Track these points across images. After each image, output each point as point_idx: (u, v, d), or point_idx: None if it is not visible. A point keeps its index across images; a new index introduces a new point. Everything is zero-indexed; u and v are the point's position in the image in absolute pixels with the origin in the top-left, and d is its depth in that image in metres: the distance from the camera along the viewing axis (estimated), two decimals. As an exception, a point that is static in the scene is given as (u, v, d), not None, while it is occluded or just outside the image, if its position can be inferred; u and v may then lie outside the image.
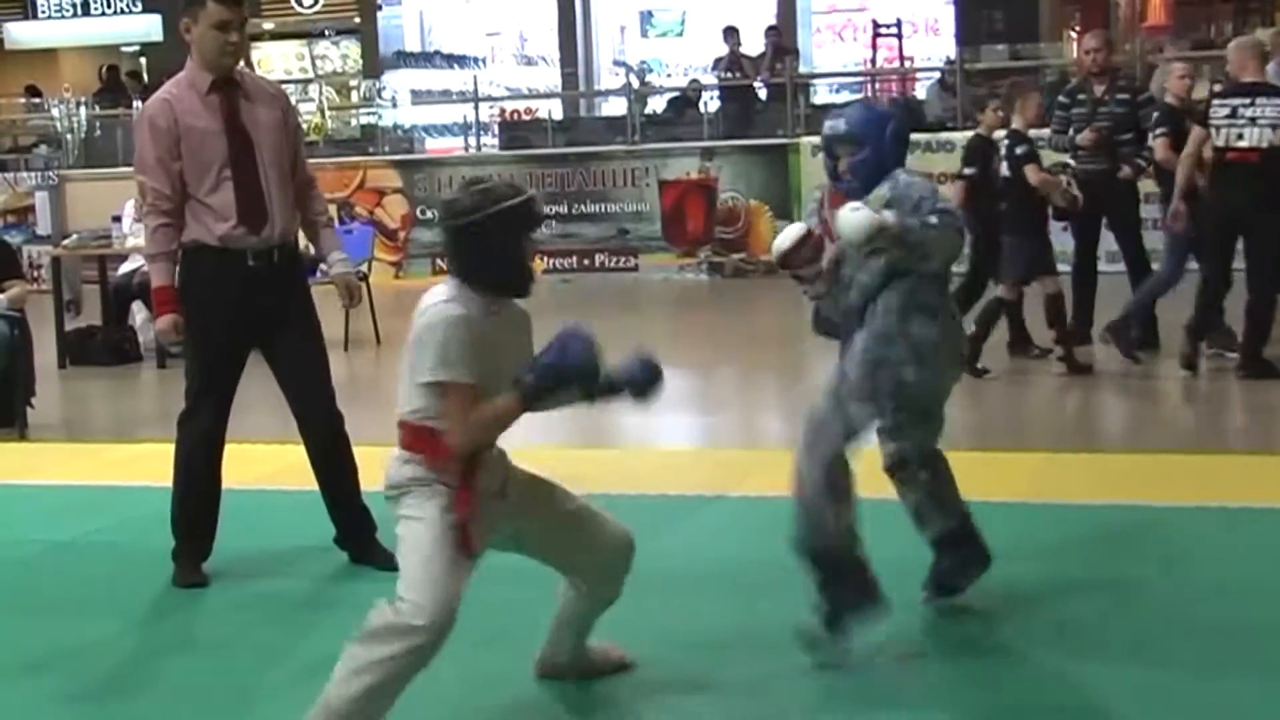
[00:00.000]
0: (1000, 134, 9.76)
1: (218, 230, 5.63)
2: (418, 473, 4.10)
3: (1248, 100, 8.93)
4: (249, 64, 5.89)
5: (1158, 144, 9.91)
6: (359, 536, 5.93)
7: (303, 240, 6.00)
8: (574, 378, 4.11)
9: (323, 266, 6.12)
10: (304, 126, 19.85)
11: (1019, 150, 9.39)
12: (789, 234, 4.90)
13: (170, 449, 5.92)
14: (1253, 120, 8.87)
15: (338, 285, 6.04)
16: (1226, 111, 8.97)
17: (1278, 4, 23.25)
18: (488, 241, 4.10)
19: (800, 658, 4.65)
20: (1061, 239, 10.20)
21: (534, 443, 8.68)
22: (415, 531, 4.04)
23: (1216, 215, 9.14)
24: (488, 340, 4.10)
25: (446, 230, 4.22)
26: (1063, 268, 9.96)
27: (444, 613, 3.94)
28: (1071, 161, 9.86)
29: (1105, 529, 6.00)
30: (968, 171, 9.85)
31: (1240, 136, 8.90)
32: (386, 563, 5.72)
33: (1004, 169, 9.50)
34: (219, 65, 5.66)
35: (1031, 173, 9.31)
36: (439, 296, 4.12)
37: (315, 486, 5.99)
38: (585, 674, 4.57)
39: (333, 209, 16.40)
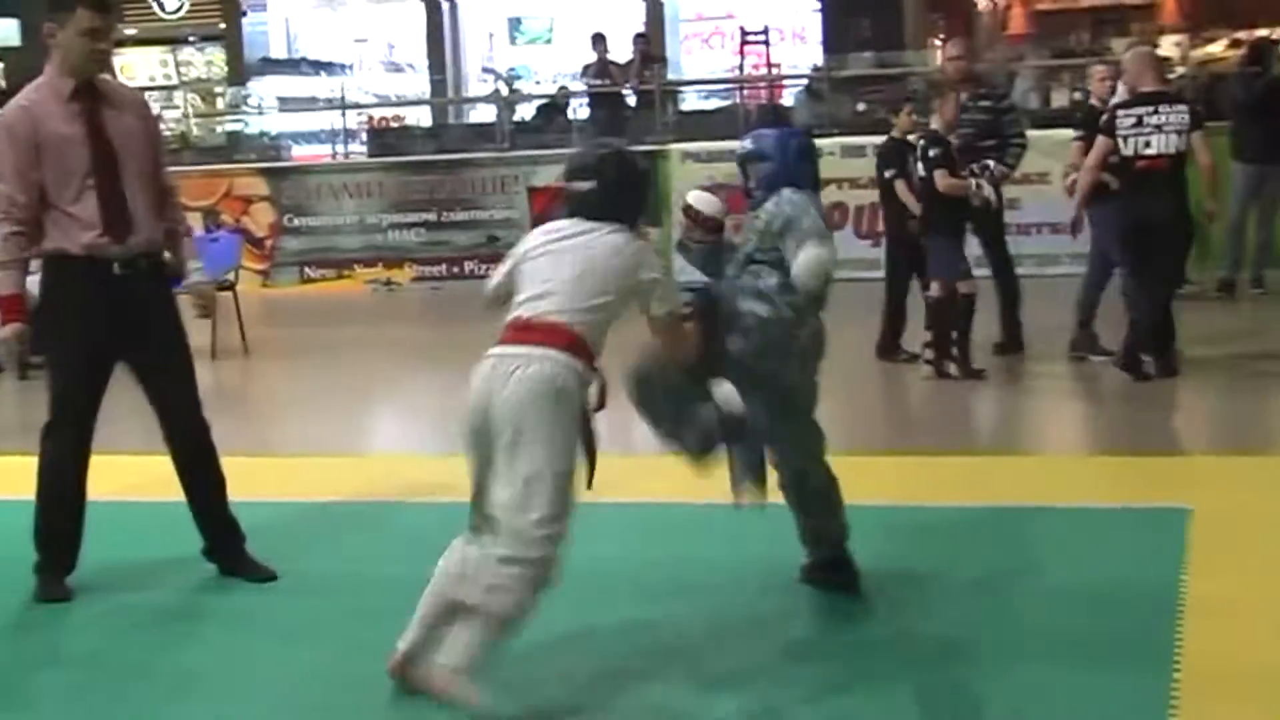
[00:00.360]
0: (913, 136, 9.85)
1: (82, 239, 5.53)
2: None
3: (1152, 108, 9.06)
4: (111, 71, 5.79)
5: (1073, 148, 10.08)
6: (228, 548, 5.87)
7: None
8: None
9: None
10: (169, 134, 19.67)
11: (932, 153, 9.47)
12: (713, 204, 5.25)
13: (33, 461, 5.81)
14: (1159, 128, 9.00)
15: (193, 296, 5.97)
16: (1133, 121, 9.09)
17: (1133, 14, 23.74)
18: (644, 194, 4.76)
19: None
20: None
21: (405, 450, 8.71)
22: (560, 445, 4.40)
23: (1127, 222, 9.25)
24: None
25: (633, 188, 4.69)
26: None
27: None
28: (991, 163, 9.93)
29: (965, 530, 6.08)
30: (888, 174, 9.92)
31: (1148, 144, 9.02)
32: (256, 574, 5.75)
33: (920, 170, 9.58)
34: (84, 72, 5.56)
35: (940, 178, 9.40)
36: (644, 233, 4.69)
37: (182, 498, 5.90)
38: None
39: (199, 217, 16.46)
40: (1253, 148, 12.33)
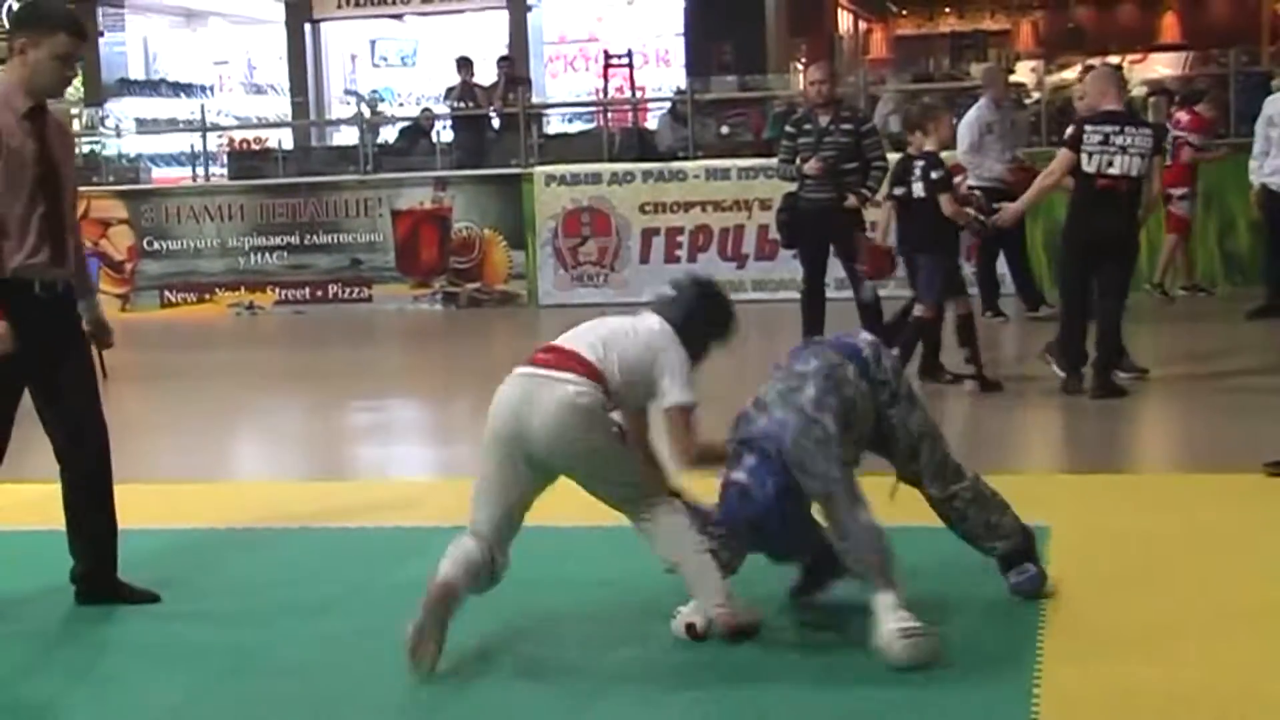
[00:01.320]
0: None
1: (13, 261, 5.41)
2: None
3: (1119, 128, 9.20)
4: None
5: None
6: (108, 574, 5.72)
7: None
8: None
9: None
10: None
11: (934, 175, 9.52)
12: None
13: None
14: (1123, 149, 9.13)
15: (90, 324, 5.80)
16: (1100, 139, 9.19)
17: (990, 41, 24.21)
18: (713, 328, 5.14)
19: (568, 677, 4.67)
20: (792, 267, 10.36)
21: (270, 477, 8.63)
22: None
23: (1079, 240, 9.36)
24: None
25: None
26: (793, 295, 10.12)
27: None
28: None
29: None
30: (897, 192, 9.85)
31: (1111, 164, 9.14)
32: (136, 598, 5.68)
33: (918, 189, 9.59)
34: (48, 95, 5.49)
35: (946, 202, 9.45)
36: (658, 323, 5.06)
37: (47, 524, 5.77)
38: None
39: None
40: None
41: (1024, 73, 19.43)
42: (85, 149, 20.64)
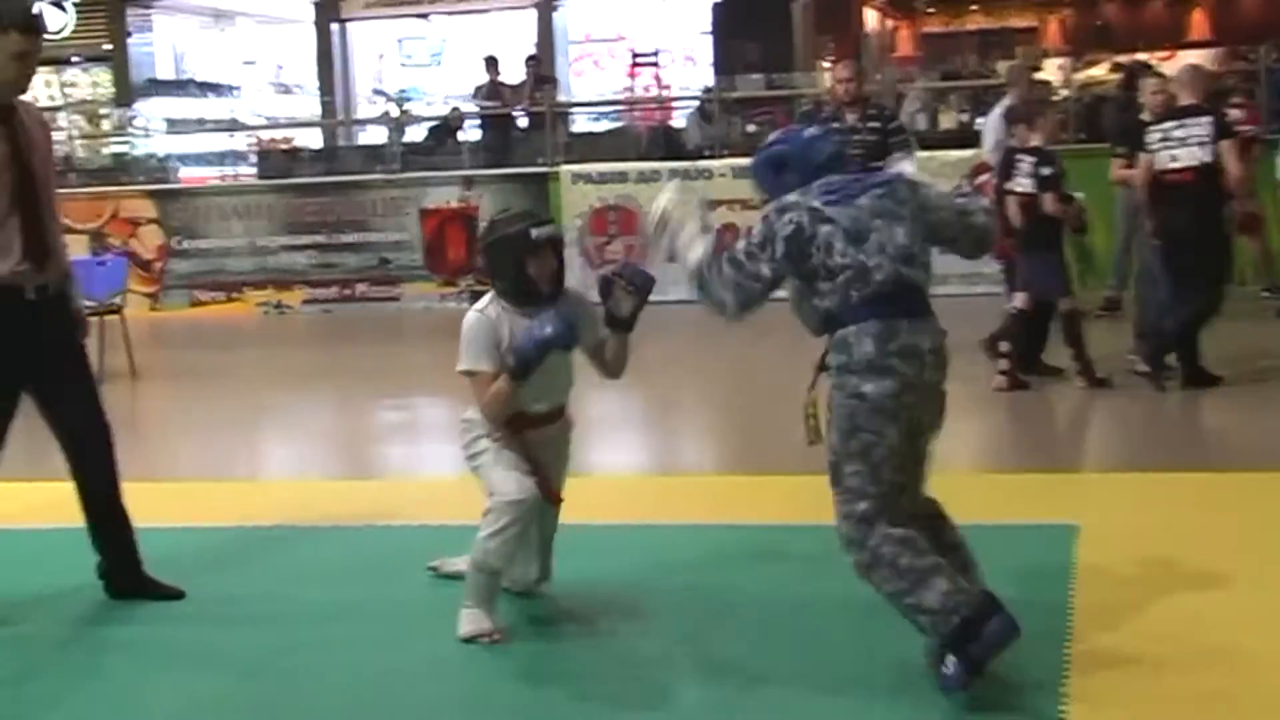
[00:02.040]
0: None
1: (2, 268, 5.37)
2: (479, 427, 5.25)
3: (1176, 123, 9.21)
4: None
5: (1114, 164, 10.50)
6: (133, 569, 5.76)
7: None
8: (544, 353, 4.99)
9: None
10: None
11: (1045, 172, 9.45)
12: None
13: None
14: (1183, 141, 9.14)
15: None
16: (1159, 136, 9.24)
17: (1018, 38, 24.15)
18: (499, 261, 5.20)
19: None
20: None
21: (298, 475, 8.64)
22: (484, 460, 5.17)
23: (1161, 237, 9.36)
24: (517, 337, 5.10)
25: (480, 252, 5.42)
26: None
27: (526, 489, 5.05)
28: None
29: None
30: (1022, 186, 9.62)
31: (1174, 158, 9.16)
32: (160, 592, 5.70)
33: (1027, 185, 9.50)
34: (9, 96, 5.44)
35: (1049, 201, 9.39)
36: (477, 304, 5.25)
37: (67, 523, 5.80)
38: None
39: (85, 240, 16.24)
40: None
41: (1052, 70, 19.36)
42: (114, 149, 20.76)
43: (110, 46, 24.06)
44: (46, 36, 6.35)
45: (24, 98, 5.54)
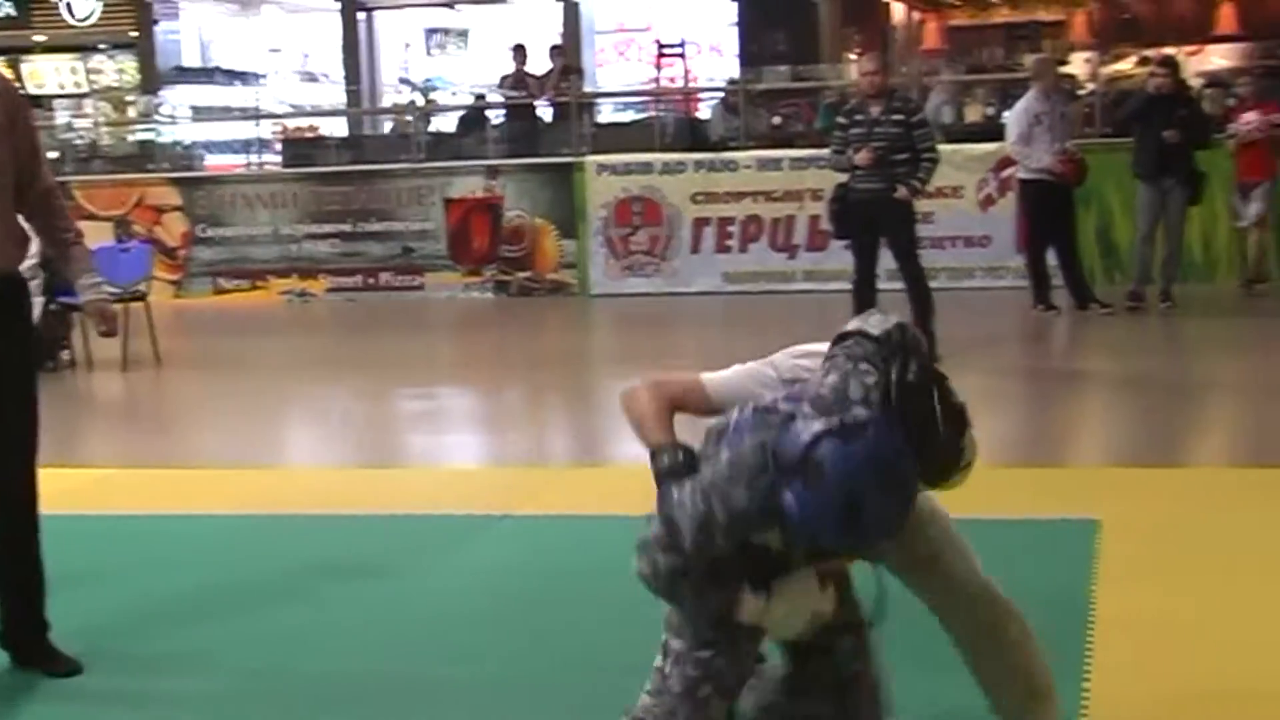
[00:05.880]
0: None
1: None
2: None
3: None
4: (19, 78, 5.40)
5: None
6: (34, 634, 4.90)
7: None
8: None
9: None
10: (79, 143, 19.46)
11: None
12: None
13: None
14: None
15: (90, 313, 5.12)
16: None
17: (1045, 32, 24.06)
18: None
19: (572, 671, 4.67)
20: (843, 257, 10.36)
21: (321, 463, 8.67)
22: None
23: None
24: None
25: None
26: (844, 286, 10.10)
27: None
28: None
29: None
30: None
31: None
32: (54, 667, 4.85)
33: None
34: None
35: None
36: None
37: (87, 510, 5.75)
38: None
39: (109, 227, 16.31)
40: (1144, 163, 12.46)
41: (1078, 64, 19.27)
42: (139, 137, 20.81)
43: (136, 34, 24.09)
44: (72, 24, 6.21)
45: (31, 85, 5.20)
